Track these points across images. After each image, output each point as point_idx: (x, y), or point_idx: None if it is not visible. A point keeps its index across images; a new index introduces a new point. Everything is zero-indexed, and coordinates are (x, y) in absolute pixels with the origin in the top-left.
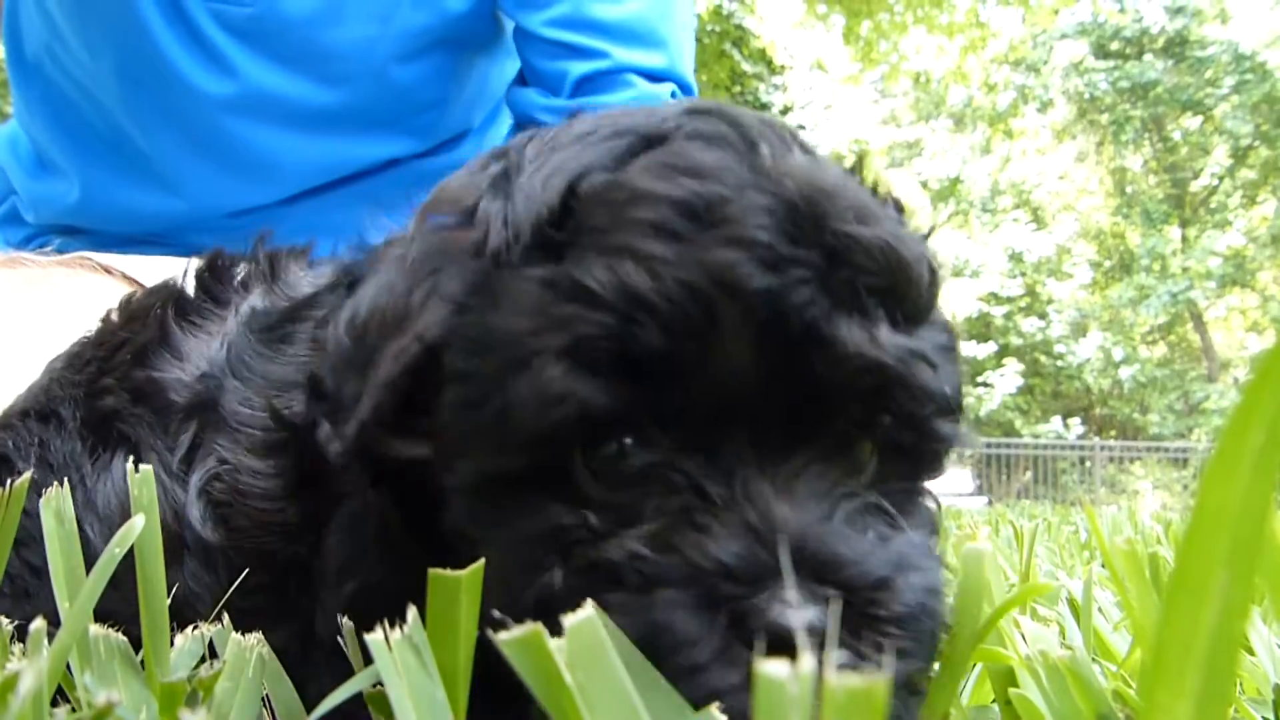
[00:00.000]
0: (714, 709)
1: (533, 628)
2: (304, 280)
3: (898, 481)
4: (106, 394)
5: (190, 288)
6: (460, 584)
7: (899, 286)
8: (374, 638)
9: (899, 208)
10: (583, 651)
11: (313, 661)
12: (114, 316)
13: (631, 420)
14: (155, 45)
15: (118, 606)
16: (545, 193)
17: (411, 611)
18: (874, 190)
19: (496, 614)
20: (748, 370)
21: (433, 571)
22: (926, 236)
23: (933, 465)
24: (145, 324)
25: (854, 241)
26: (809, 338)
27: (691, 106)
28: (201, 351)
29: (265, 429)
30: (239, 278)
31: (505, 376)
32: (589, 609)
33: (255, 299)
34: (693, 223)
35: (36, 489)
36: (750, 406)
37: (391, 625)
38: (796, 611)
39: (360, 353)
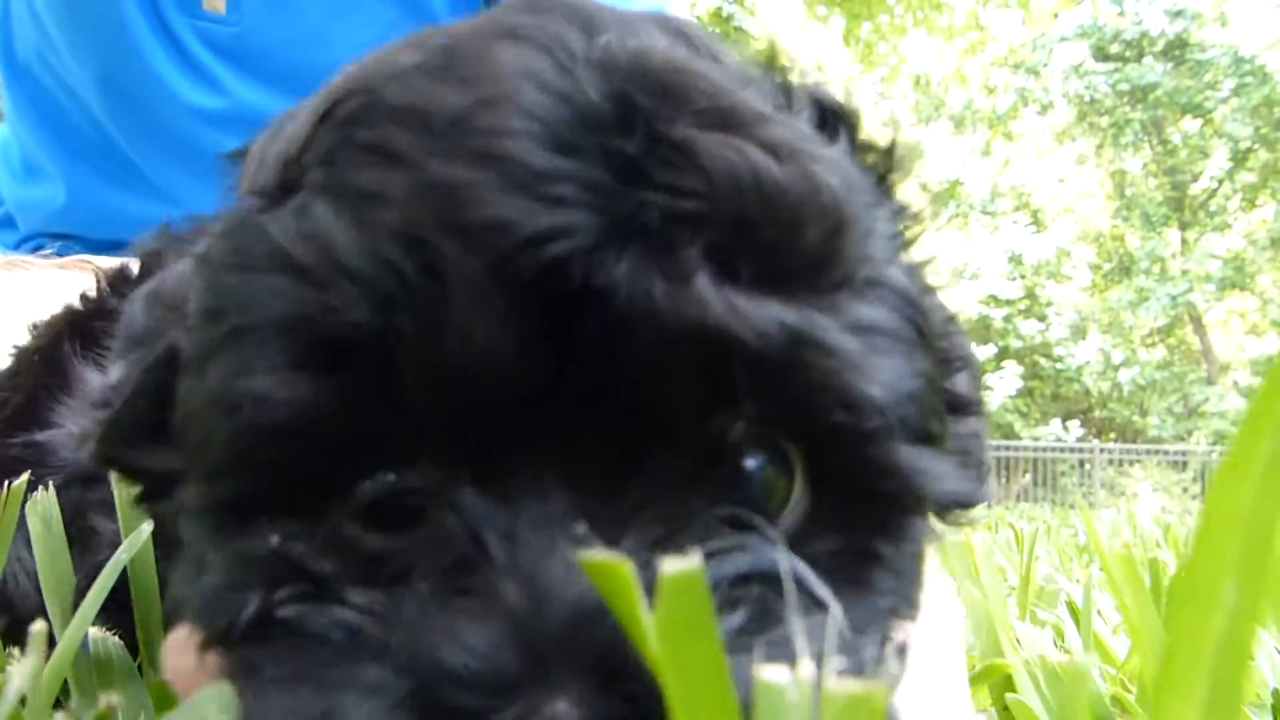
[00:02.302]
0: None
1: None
2: None
3: (833, 536)
4: None
5: (92, 312)
6: None
7: (759, 227)
8: None
9: (830, 119)
10: (680, 614)
11: None
12: (7, 363)
13: (373, 441)
14: (142, 58)
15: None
16: (307, 117)
17: None
18: (786, 89)
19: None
20: (507, 351)
21: None
22: (884, 168)
23: (893, 513)
24: (28, 373)
25: (684, 154)
26: (587, 296)
27: (541, 3)
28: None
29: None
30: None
31: (208, 366)
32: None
33: None
34: (428, 140)
35: None
36: (538, 408)
37: None
38: None
39: (140, 340)
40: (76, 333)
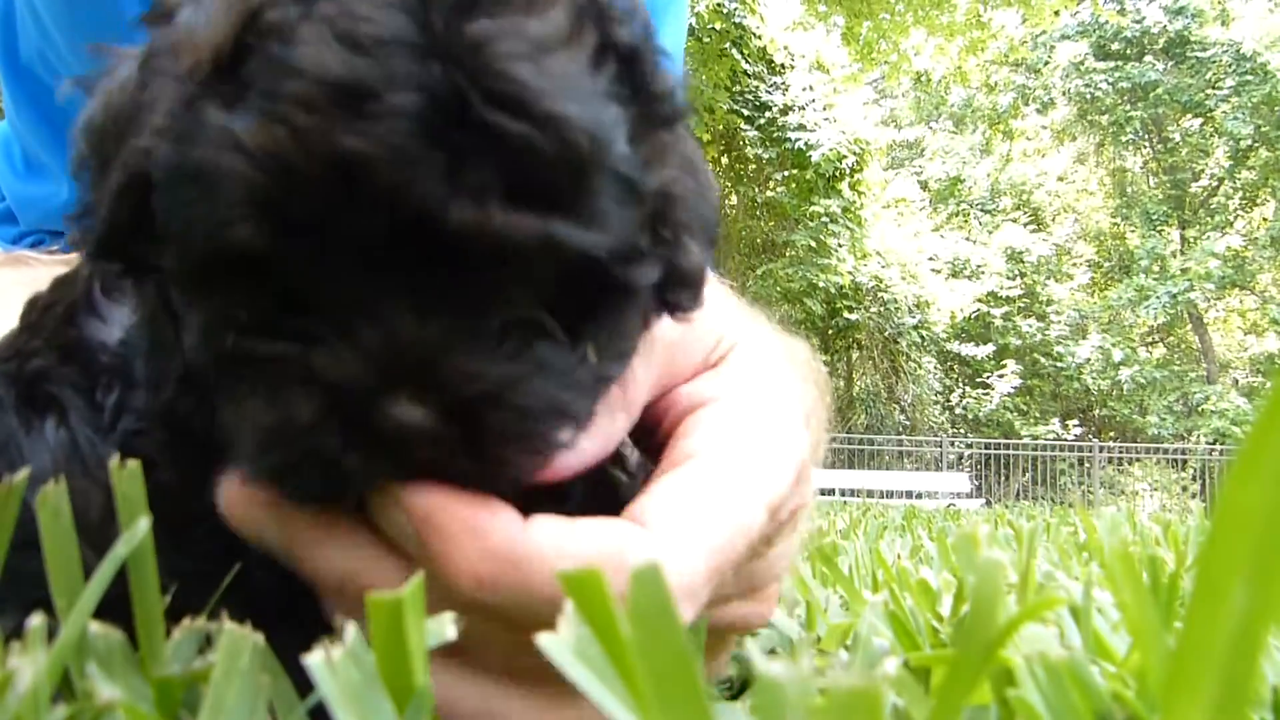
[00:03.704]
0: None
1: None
2: None
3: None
4: (35, 355)
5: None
6: (402, 604)
7: (534, 173)
8: (316, 660)
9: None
10: (646, 604)
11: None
12: (41, 290)
13: (289, 257)
14: None
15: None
16: (227, 17)
17: (353, 630)
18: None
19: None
20: (380, 238)
21: (371, 597)
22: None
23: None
24: (72, 286)
25: (499, 135)
26: (427, 219)
27: None
28: (121, 320)
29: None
30: None
31: (191, 204)
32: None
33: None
34: (339, 106)
35: None
36: (396, 268)
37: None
38: (404, 414)
39: (97, 156)
40: (99, 273)
